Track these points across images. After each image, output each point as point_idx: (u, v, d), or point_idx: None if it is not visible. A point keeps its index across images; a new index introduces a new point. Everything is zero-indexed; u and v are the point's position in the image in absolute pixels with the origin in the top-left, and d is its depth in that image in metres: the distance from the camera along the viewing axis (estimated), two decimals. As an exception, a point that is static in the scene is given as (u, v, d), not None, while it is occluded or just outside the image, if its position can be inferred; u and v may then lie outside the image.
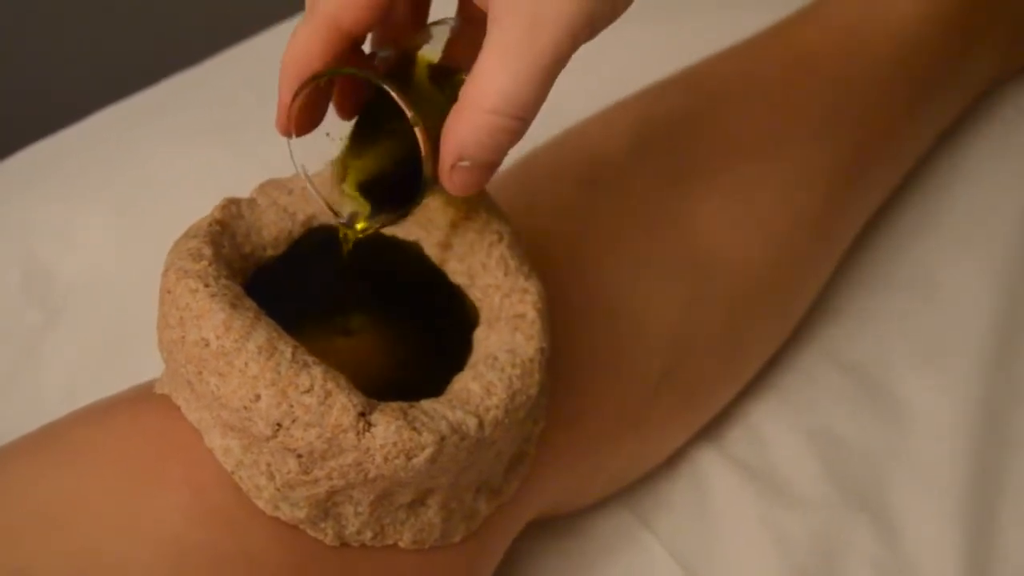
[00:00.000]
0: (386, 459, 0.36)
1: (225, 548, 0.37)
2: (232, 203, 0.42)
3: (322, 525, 0.38)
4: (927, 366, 0.55)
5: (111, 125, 0.64)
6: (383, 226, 0.39)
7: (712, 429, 0.53)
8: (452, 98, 0.35)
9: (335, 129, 0.39)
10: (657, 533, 0.50)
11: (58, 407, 0.42)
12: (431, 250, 0.43)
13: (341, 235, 0.40)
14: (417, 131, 0.35)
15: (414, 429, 0.36)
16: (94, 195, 0.61)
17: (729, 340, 0.50)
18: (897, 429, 0.53)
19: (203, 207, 0.41)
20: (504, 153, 0.35)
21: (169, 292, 0.38)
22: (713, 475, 0.52)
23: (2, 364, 0.54)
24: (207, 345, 0.37)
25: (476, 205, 0.42)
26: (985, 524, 0.51)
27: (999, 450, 0.53)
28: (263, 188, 0.43)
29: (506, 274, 0.41)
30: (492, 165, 0.36)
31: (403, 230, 0.43)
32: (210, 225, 0.40)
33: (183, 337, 0.37)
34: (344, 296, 0.42)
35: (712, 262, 0.49)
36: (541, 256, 0.45)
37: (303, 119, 0.37)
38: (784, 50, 0.55)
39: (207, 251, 0.39)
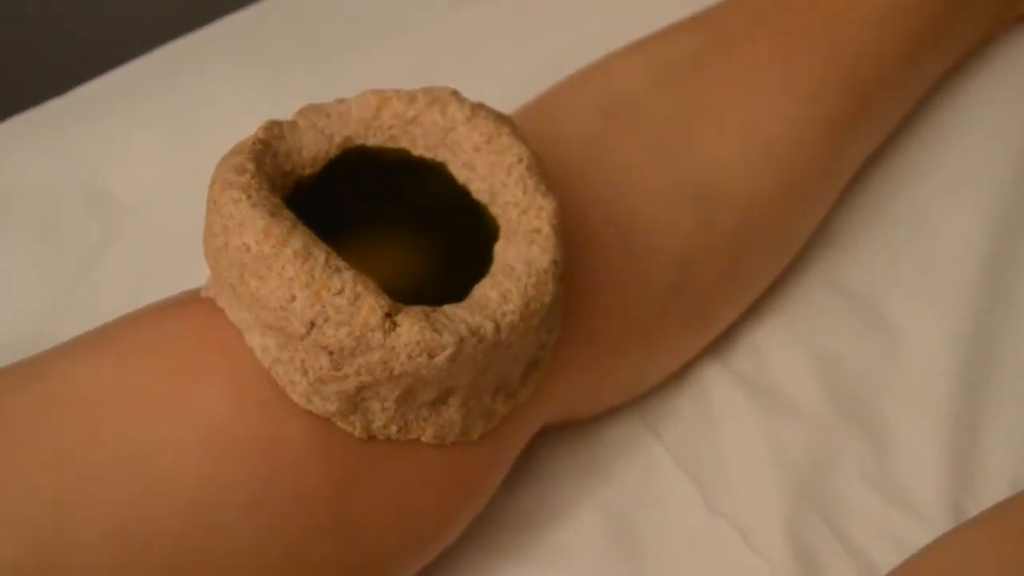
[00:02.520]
0: (409, 357, 0.37)
1: (264, 435, 0.38)
2: (274, 124, 0.43)
3: (351, 418, 0.39)
4: (919, 293, 0.56)
5: (166, 62, 0.65)
6: None
7: (718, 346, 0.54)
8: None
9: None
10: (664, 440, 0.51)
11: (116, 313, 0.43)
12: (457, 171, 0.43)
13: None
14: None
15: (436, 330, 0.37)
16: (150, 124, 0.62)
17: (733, 262, 0.50)
18: (890, 350, 0.54)
19: (249, 132, 0.42)
20: None
21: (215, 202, 0.39)
22: (718, 389, 0.53)
23: (65, 276, 0.56)
24: (248, 250, 0.38)
25: (499, 130, 0.43)
26: (969, 440, 0.51)
27: (985, 371, 0.53)
28: (303, 112, 0.44)
29: (524, 192, 0.42)
30: None
31: (431, 152, 0.44)
32: (253, 144, 0.42)
33: (226, 243, 0.38)
34: (375, 209, 0.43)
35: (719, 190, 0.50)
36: (560, 177, 0.46)
37: None
38: (786, 1, 0.56)
39: (250, 166, 0.40)
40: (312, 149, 0.43)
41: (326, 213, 0.42)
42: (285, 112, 0.44)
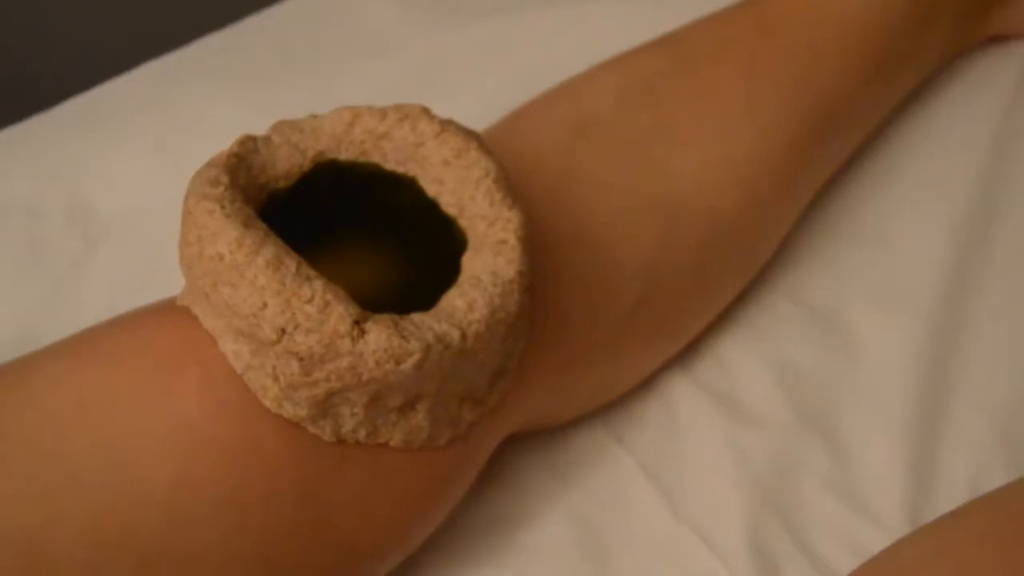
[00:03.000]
0: (377, 363, 0.38)
1: (235, 437, 0.39)
2: (249, 139, 0.44)
3: (321, 423, 0.40)
4: (879, 307, 0.57)
5: (152, 78, 0.66)
6: None
7: (683, 357, 0.55)
8: None
9: None
10: (630, 448, 0.52)
11: (96, 322, 0.44)
12: (427, 184, 0.44)
13: None
14: None
15: (403, 337, 0.38)
16: (135, 139, 0.63)
17: (698, 276, 0.52)
18: (851, 362, 0.55)
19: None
20: None
21: (189, 213, 0.40)
22: (683, 398, 0.54)
23: (46, 287, 0.57)
24: (221, 259, 0.39)
25: (467, 146, 0.44)
26: (928, 449, 0.52)
27: (943, 383, 0.54)
28: (277, 127, 0.45)
29: (491, 205, 0.43)
30: None
31: (402, 167, 0.45)
32: (228, 157, 0.43)
33: (200, 252, 0.39)
34: (348, 222, 0.44)
35: (685, 205, 0.51)
36: (530, 191, 0.47)
37: None
38: (754, 20, 0.57)
39: (224, 178, 0.41)
40: (286, 163, 0.44)
41: (300, 225, 0.43)
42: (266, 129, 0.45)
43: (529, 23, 0.69)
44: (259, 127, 0.45)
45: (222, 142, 0.44)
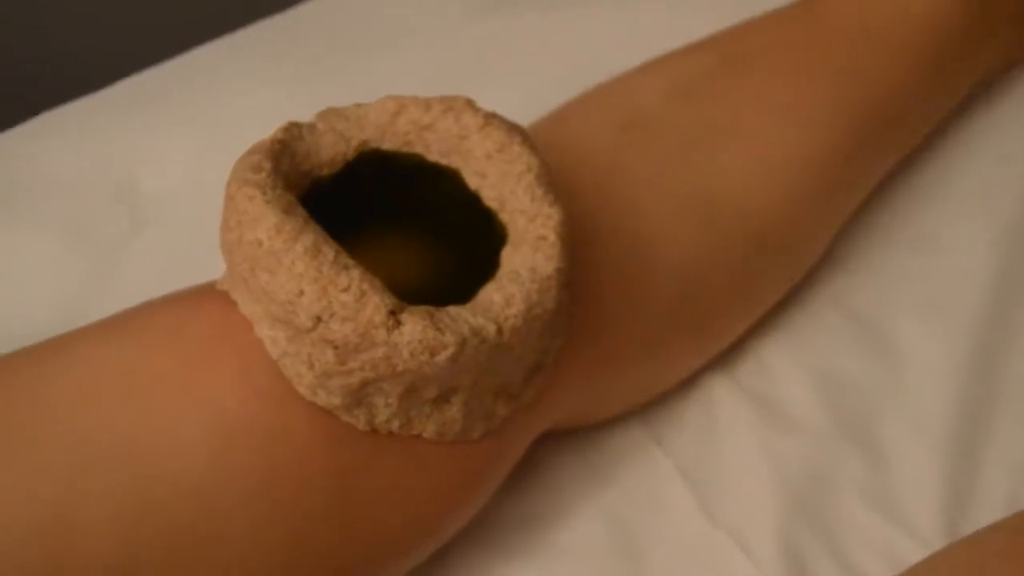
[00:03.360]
0: (412, 354, 0.38)
1: (269, 423, 0.39)
2: (294, 126, 0.44)
3: (355, 412, 0.40)
4: (925, 316, 0.56)
5: (203, 62, 0.66)
6: None
7: (725, 359, 0.54)
8: None
9: None
10: (667, 449, 0.52)
11: (139, 302, 0.44)
12: (469, 177, 0.44)
13: None
14: None
15: (438, 329, 0.38)
16: (185, 122, 0.63)
17: (741, 277, 0.51)
18: (894, 370, 0.54)
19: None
20: None
21: (231, 198, 0.40)
22: (723, 400, 0.53)
23: (91, 266, 0.57)
24: (260, 245, 0.39)
25: (510, 140, 0.43)
26: (967, 461, 0.51)
27: (986, 396, 0.53)
28: (323, 115, 0.45)
29: (532, 201, 0.42)
30: None
31: (445, 159, 0.44)
32: (272, 143, 0.43)
33: (240, 238, 0.39)
34: (389, 212, 0.44)
35: (730, 205, 0.50)
36: (573, 186, 0.47)
37: None
38: (806, 20, 0.56)
39: (266, 164, 0.41)
40: (330, 151, 0.44)
41: (341, 213, 0.43)
42: (313, 115, 0.45)
43: (576, 16, 0.68)
44: (307, 114, 0.45)
45: (270, 128, 0.44)
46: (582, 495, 0.51)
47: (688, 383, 0.54)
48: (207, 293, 0.42)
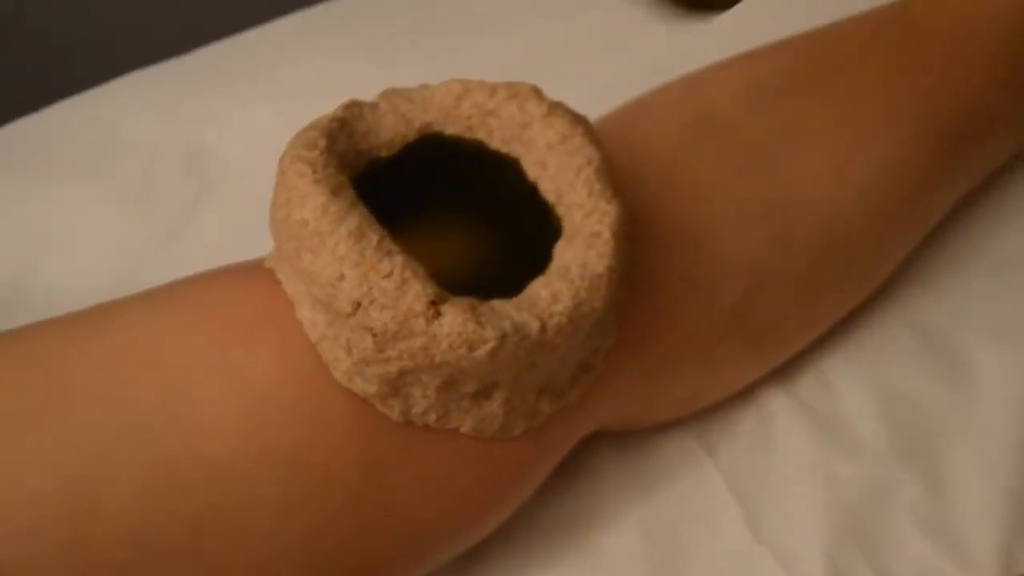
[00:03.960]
0: (450, 347, 0.37)
1: (303, 408, 0.38)
2: (355, 104, 0.43)
3: (391, 402, 0.39)
4: (1003, 342, 0.53)
5: (285, 33, 0.66)
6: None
7: (786, 372, 0.52)
8: None
9: None
10: (717, 460, 0.50)
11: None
12: (528, 167, 0.43)
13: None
14: None
15: (479, 323, 0.37)
16: (261, 91, 0.63)
17: (806, 289, 0.49)
18: (962, 395, 0.52)
19: None
20: None
21: (283, 173, 0.40)
22: (780, 414, 0.52)
23: (157, 229, 0.57)
24: (306, 225, 0.38)
25: (573, 131, 0.42)
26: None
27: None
28: (386, 94, 0.44)
29: (589, 195, 0.41)
30: None
31: (506, 147, 0.43)
32: (331, 121, 0.42)
33: (288, 215, 0.39)
34: (446, 197, 0.43)
35: (801, 215, 0.48)
36: (636, 183, 0.45)
37: None
38: (899, 23, 0.53)
39: (322, 142, 0.40)
40: (390, 132, 0.43)
41: (398, 195, 0.42)
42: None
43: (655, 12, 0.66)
44: (379, 85, 0.44)
45: (342, 98, 0.43)
46: (626, 500, 0.49)
47: (744, 394, 0.52)
48: (254, 270, 0.41)
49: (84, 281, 0.55)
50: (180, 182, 0.59)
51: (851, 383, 0.53)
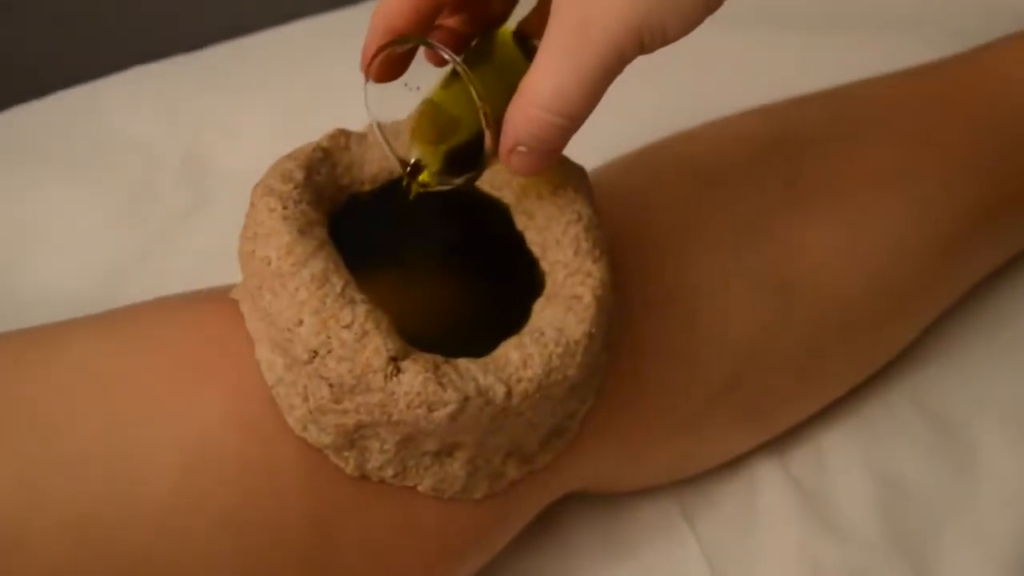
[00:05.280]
0: (408, 406, 0.35)
1: (249, 456, 0.36)
2: (342, 134, 0.41)
3: (345, 454, 0.37)
4: (1012, 430, 0.51)
5: (293, 39, 0.64)
6: (444, 186, 0.37)
7: (779, 444, 0.50)
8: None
9: (414, 80, 0.38)
10: (697, 530, 0.48)
11: (186, 278, 0.44)
12: (517, 216, 0.41)
13: (404, 183, 0.38)
14: (481, 113, 0.34)
15: (440, 384, 0.35)
16: (267, 99, 0.61)
17: (805, 365, 0.46)
18: (964, 485, 0.49)
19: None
20: (559, 145, 0.34)
21: (253, 205, 0.38)
22: (768, 487, 0.49)
23: (146, 237, 0.56)
24: (269, 263, 0.36)
25: (565, 182, 0.40)
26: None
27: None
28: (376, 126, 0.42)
29: (575, 254, 0.39)
30: (549, 153, 0.34)
31: (497, 191, 0.41)
32: (313, 151, 0.40)
33: (253, 251, 0.37)
34: (427, 241, 0.41)
35: (805, 286, 0.46)
36: (634, 239, 0.43)
37: (383, 71, 0.36)
38: (932, 88, 0.51)
39: (298, 175, 0.38)
40: (376, 165, 0.41)
41: (372, 232, 0.40)
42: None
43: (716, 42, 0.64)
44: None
45: (347, 114, 0.41)
46: (598, 562, 0.47)
47: (733, 461, 0.49)
48: (218, 301, 0.39)
49: (70, 282, 0.54)
50: (175, 188, 0.57)
51: (846, 461, 0.50)
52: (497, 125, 0.35)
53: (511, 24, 0.38)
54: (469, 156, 0.36)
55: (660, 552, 0.48)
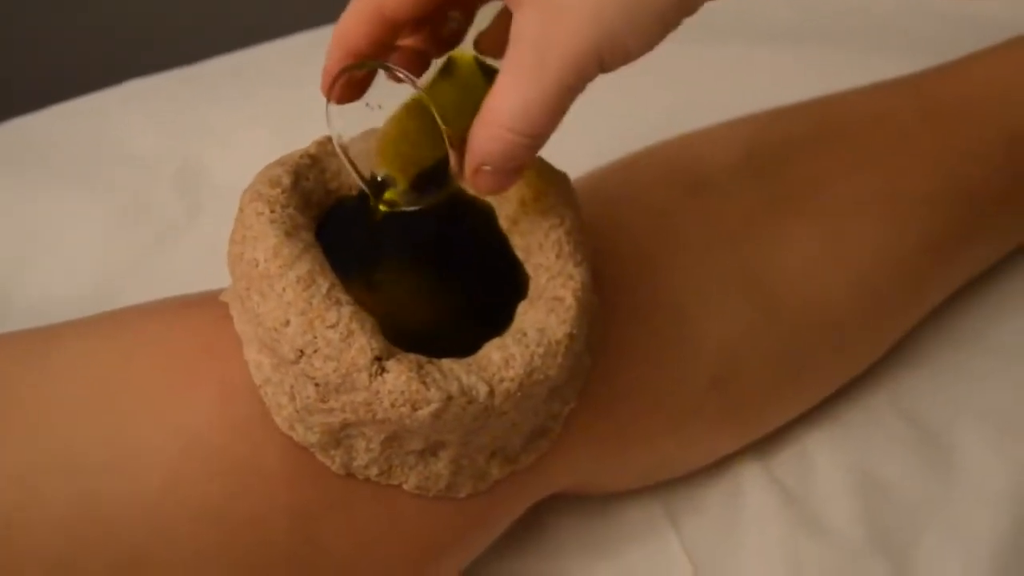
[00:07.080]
0: (392, 405, 0.35)
1: (237, 454, 0.37)
2: (330, 141, 0.42)
3: (332, 452, 0.38)
4: (990, 431, 0.51)
5: (289, 54, 0.65)
6: (411, 207, 0.38)
7: (762, 446, 0.50)
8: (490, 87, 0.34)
9: (375, 99, 0.39)
10: (681, 532, 0.48)
11: (180, 289, 0.43)
12: (502, 220, 0.42)
13: (371, 203, 0.39)
14: (445, 136, 0.35)
15: (423, 383, 0.36)
16: (264, 114, 0.62)
17: (788, 369, 0.47)
18: (944, 486, 0.50)
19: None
20: (522, 163, 0.35)
21: (241, 210, 0.39)
22: (751, 489, 0.50)
23: (139, 247, 0.56)
24: (256, 265, 0.37)
25: (548, 188, 0.41)
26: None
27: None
28: (365, 135, 0.42)
29: (557, 257, 0.40)
30: (513, 171, 0.35)
31: (481, 196, 0.42)
32: (300, 157, 0.41)
33: (241, 254, 0.38)
34: (411, 245, 0.42)
35: (787, 290, 0.46)
36: (617, 246, 0.44)
37: (344, 93, 0.37)
38: (914, 99, 0.52)
39: (286, 180, 0.39)
40: (363, 171, 0.42)
41: (359, 237, 0.41)
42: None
43: (695, 55, 0.65)
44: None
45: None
46: (582, 562, 0.48)
47: (717, 464, 0.50)
48: (208, 305, 0.40)
49: (67, 290, 0.55)
50: (171, 199, 0.58)
51: (829, 463, 0.51)
52: (461, 146, 0.35)
53: (469, 40, 0.38)
54: (435, 176, 0.37)
55: (644, 553, 0.48)
